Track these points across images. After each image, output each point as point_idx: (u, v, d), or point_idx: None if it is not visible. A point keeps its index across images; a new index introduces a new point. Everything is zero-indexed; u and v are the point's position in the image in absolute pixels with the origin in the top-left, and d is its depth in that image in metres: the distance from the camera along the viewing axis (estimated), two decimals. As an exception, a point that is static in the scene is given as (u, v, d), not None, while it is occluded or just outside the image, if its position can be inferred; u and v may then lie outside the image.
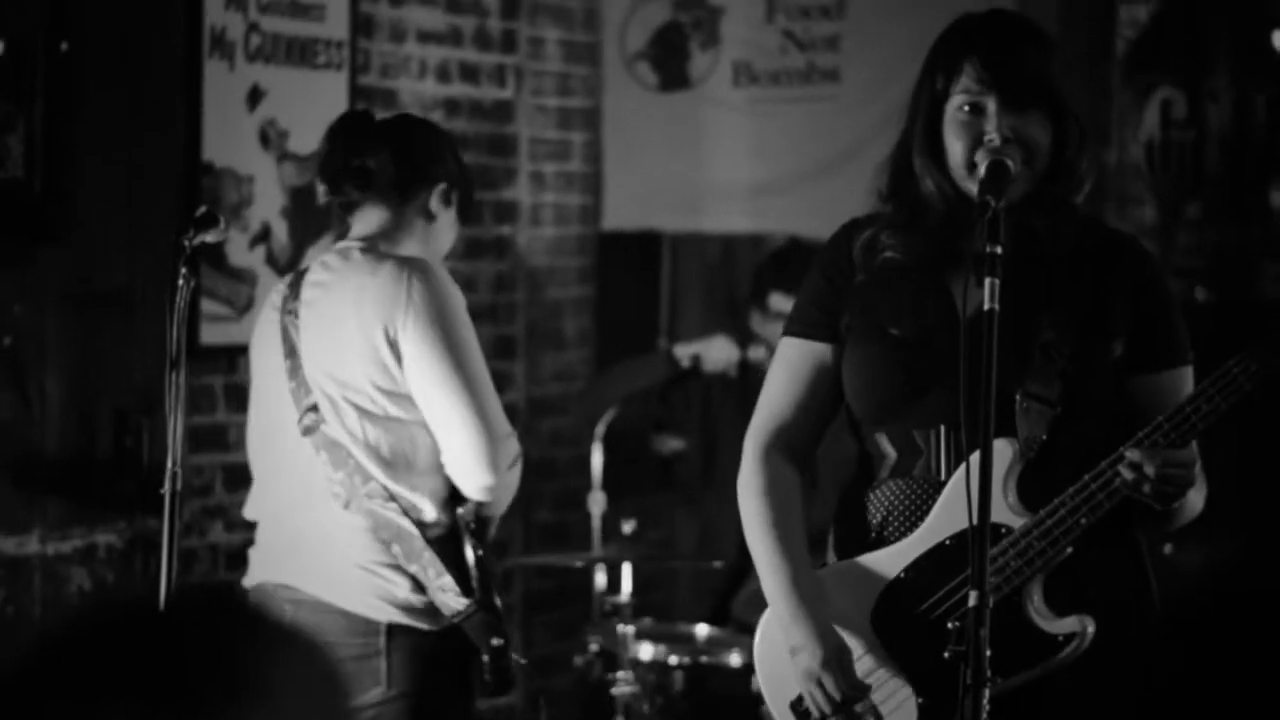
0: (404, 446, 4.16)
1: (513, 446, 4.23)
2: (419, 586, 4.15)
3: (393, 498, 4.14)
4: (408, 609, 4.15)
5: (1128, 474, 3.21)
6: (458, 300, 4.18)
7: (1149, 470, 3.19)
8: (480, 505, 4.21)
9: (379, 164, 4.27)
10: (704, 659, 5.55)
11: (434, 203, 4.31)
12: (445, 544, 4.17)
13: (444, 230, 4.36)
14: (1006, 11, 3.58)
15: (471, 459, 4.15)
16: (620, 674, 5.34)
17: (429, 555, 4.13)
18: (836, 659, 3.37)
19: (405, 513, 4.14)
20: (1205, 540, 5.52)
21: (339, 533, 4.18)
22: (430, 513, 4.16)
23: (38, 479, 4.99)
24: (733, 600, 6.15)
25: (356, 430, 4.17)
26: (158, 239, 4.27)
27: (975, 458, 3.24)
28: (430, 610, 4.16)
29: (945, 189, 3.37)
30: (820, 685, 3.37)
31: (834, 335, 3.49)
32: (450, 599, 4.14)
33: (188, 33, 5.42)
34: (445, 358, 4.13)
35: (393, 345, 4.14)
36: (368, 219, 4.29)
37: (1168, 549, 6.02)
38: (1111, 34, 7.70)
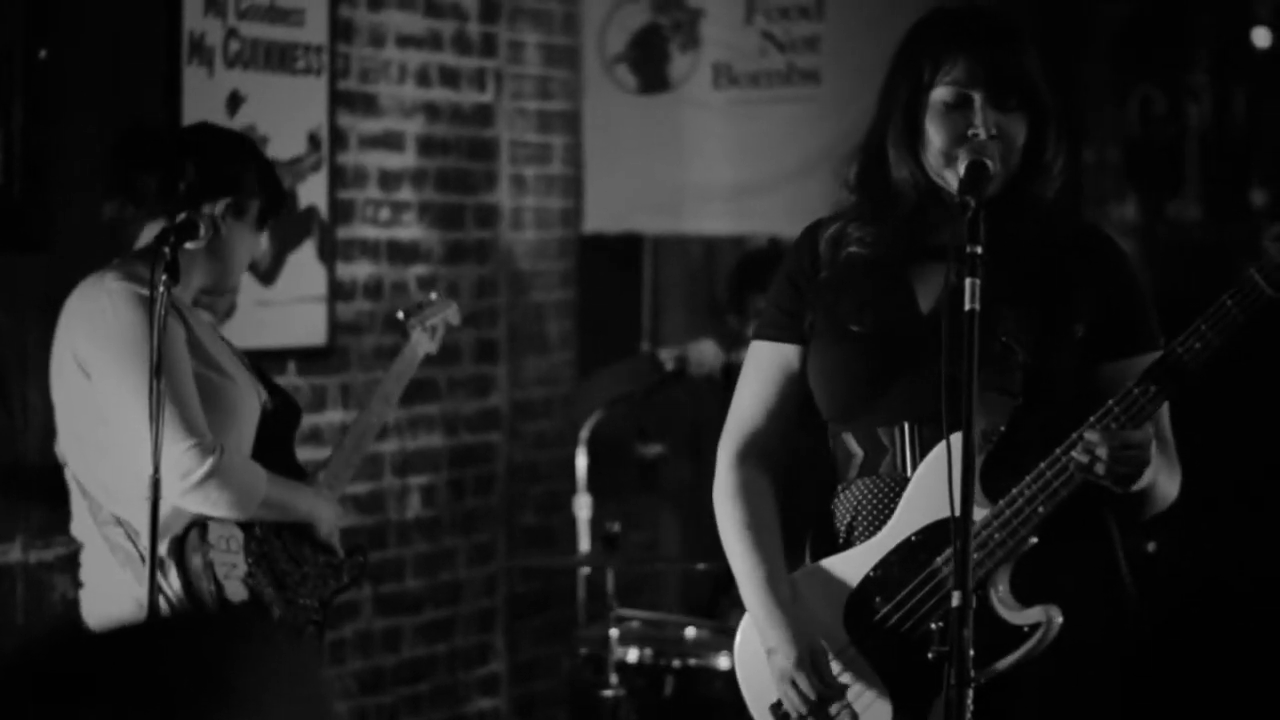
0: (111, 470, 4.08)
1: (189, 459, 4.00)
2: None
3: (119, 522, 4.10)
4: None
5: (1081, 457, 3.19)
6: (124, 309, 4.03)
7: (1101, 452, 3.17)
8: (199, 524, 4.08)
9: (144, 183, 4.19)
10: (692, 662, 5.54)
11: (215, 218, 4.19)
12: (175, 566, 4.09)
13: (236, 246, 4.25)
14: (988, 8, 3.59)
15: (164, 471, 3.93)
16: (608, 678, 5.33)
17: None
18: (810, 659, 3.37)
19: (129, 537, 4.08)
20: (1188, 534, 5.53)
21: (93, 558, 4.18)
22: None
23: (20, 487, 4.97)
24: (718, 605, 6.15)
25: (77, 458, 4.15)
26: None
27: (934, 453, 3.26)
28: None
29: (919, 179, 3.37)
30: (795, 685, 3.37)
31: (800, 336, 3.49)
32: None
33: (167, 39, 5.41)
34: (115, 372, 4.02)
35: (81, 366, 4.08)
36: (145, 236, 4.20)
37: (1151, 546, 6.03)
38: (1091, 31, 7.71)
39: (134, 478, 3.98)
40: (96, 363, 4.05)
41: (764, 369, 3.53)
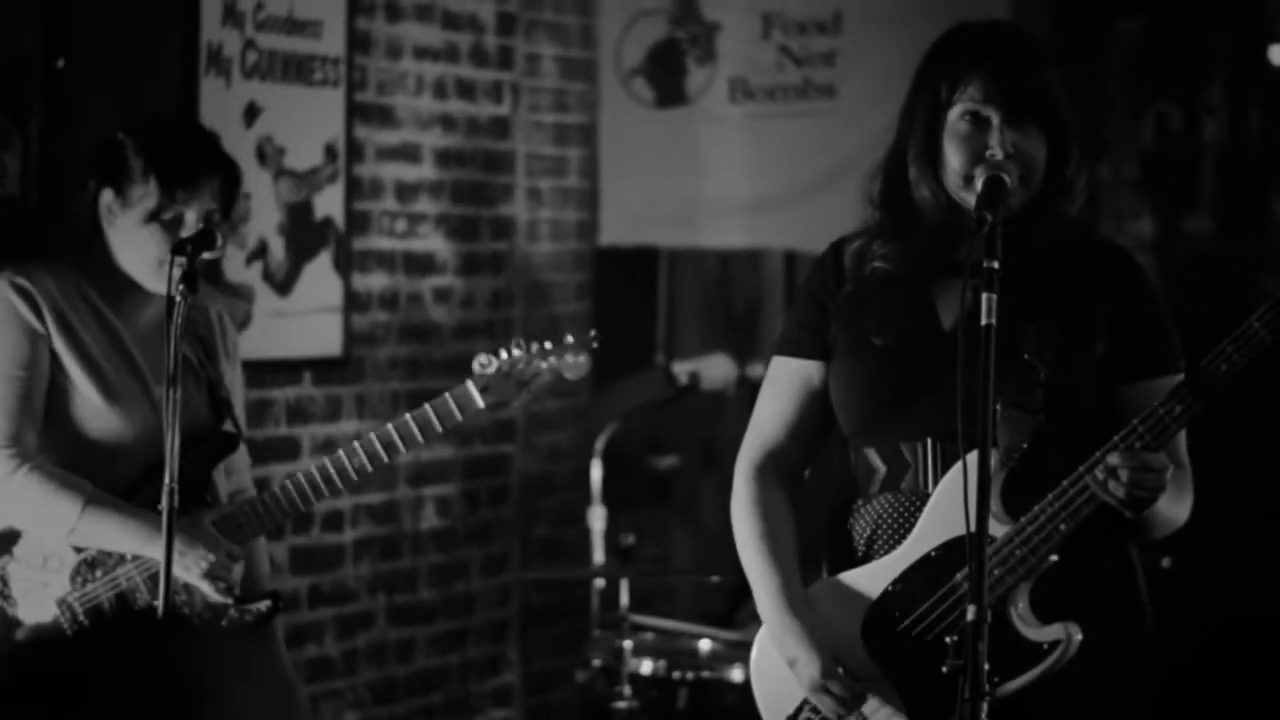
0: None
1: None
2: None
3: None
4: None
5: (1100, 475, 3.19)
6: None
7: (1122, 474, 3.17)
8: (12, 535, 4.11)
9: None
10: (706, 674, 5.54)
11: (101, 205, 4.04)
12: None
13: (120, 242, 4.06)
14: (1009, 24, 3.57)
15: None
16: (621, 689, 5.33)
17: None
18: (836, 664, 3.37)
19: None
20: (1204, 551, 5.52)
21: None
22: None
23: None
24: (734, 617, 6.15)
25: None
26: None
27: (956, 469, 3.25)
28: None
29: (940, 197, 3.36)
30: (828, 691, 3.37)
31: (821, 352, 3.49)
32: None
33: (184, 49, 5.42)
34: None
35: None
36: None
37: (1166, 562, 6.02)
38: (1108, 48, 7.71)
39: None
40: None
41: (784, 384, 3.53)
